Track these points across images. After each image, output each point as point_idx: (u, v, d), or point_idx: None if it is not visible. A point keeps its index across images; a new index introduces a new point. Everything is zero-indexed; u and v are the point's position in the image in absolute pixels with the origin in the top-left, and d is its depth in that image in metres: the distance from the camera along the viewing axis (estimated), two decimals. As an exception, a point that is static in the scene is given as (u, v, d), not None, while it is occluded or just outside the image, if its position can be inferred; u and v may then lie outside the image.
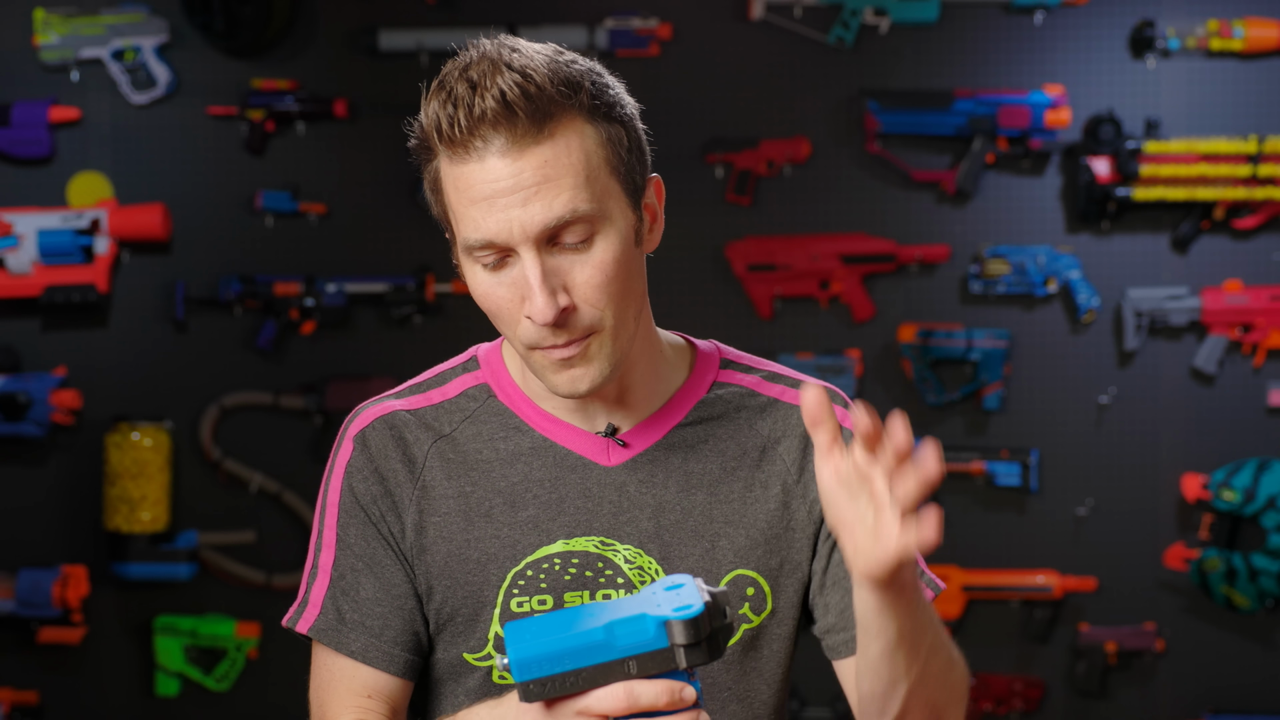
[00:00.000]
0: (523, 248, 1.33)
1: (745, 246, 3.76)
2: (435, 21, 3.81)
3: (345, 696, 1.44)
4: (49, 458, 3.89)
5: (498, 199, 1.32)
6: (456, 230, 1.38)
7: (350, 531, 1.45)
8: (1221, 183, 3.65)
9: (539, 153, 1.31)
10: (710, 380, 1.50)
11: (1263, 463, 3.65)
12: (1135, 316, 3.71)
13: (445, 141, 1.33)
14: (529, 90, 1.30)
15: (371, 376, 3.80)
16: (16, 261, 3.76)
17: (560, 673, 1.13)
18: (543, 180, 1.31)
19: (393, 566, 1.44)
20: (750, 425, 1.48)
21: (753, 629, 1.46)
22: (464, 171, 1.33)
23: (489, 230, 1.33)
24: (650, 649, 1.13)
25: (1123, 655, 3.74)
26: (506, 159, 1.31)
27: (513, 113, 1.30)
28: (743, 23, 3.76)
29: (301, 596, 1.47)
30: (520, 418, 1.47)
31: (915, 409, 3.78)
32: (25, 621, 3.78)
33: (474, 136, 1.31)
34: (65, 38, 3.82)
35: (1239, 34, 3.65)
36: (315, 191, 3.86)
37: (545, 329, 1.34)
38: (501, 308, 1.37)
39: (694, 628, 1.12)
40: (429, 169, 1.39)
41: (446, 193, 1.37)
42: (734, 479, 1.46)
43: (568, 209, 1.32)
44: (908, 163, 3.76)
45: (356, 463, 1.46)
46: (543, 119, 1.31)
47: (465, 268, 1.40)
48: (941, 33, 3.77)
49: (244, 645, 3.83)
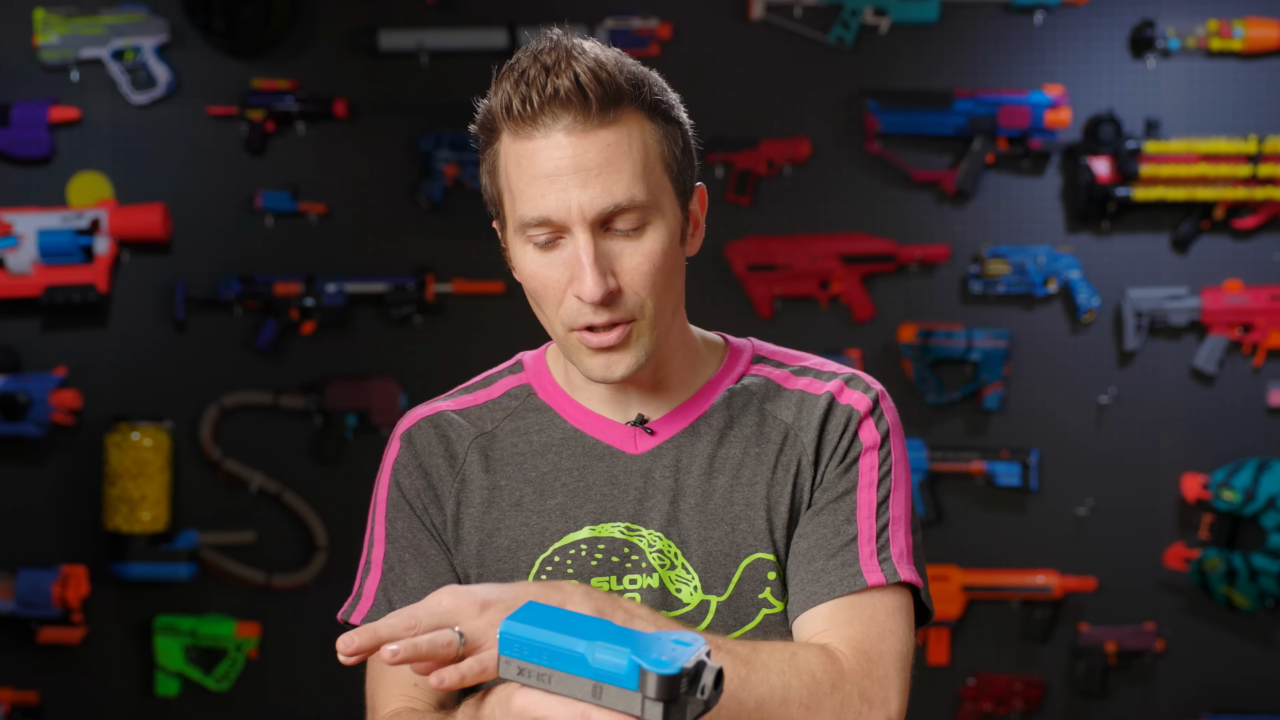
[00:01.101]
0: (578, 228, 1.38)
1: (745, 246, 3.76)
2: (435, 21, 3.81)
3: (394, 685, 1.47)
4: (49, 458, 3.89)
5: (560, 176, 1.37)
6: (511, 209, 1.42)
7: (398, 525, 1.51)
8: (1221, 183, 3.65)
9: (603, 136, 1.37)
10: (740, 373, 1.54)
11: (1263, 463, 3.65)
12: (1135, 316, 3.71)
13: (514, 119, 1.38)
14: (600, 76, 1.37)
15: (371, 376, 3.80)
16: (16, 261, 3.76)
17: (535, 664, 1.16)
18: (604, 164, 1.37)
19: (438, 555, 1.50)
20: (774, 415, 1.51)
21: (775, 614, 1.47)
22: (529, 148, 1.38)
23: (547, 208, 1.38)
24: (619, 684, 1.14)
25: (1123, 655, 3.74)
26: (573, 137, 1.37)
27: (584, 95, 1.36)
28: (743, 23, 3.76)
29: (356, 591, 1.53)
30: (554, 410, 1.52)
31: (915, 409, 3.78)
32: (25, 621, 3.79)
33: (544, 113, 1.36)
34: (65, 38, 3.82)
35: (1239, 34, 3.66)
36: (315, 191, 3.86)
37: (590, 308, 1.39)
38: (548, 287, 1.41)
39: (664, 685, 1.13)
40: (489, 153, 1.44)
41: (506, 172, 1.41)
42: (758, 464, 1.48)
43: (626, 195, 1.38)
44: (908, 163, 3.76)
45: (403, 460, 1.53)
46: (610, 105, 1.37)
47: (515, 247, 1.44)
48: (941, 33, 3.77)
49: (244, 645, 3.83)
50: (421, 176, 3.80)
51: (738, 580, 1.46)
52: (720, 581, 1.46)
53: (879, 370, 3.76)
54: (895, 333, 3.77)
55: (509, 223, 1.43)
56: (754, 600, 1.46)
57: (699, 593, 1.45)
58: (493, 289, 3.77)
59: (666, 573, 1.46)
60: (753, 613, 1.46)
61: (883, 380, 1.65)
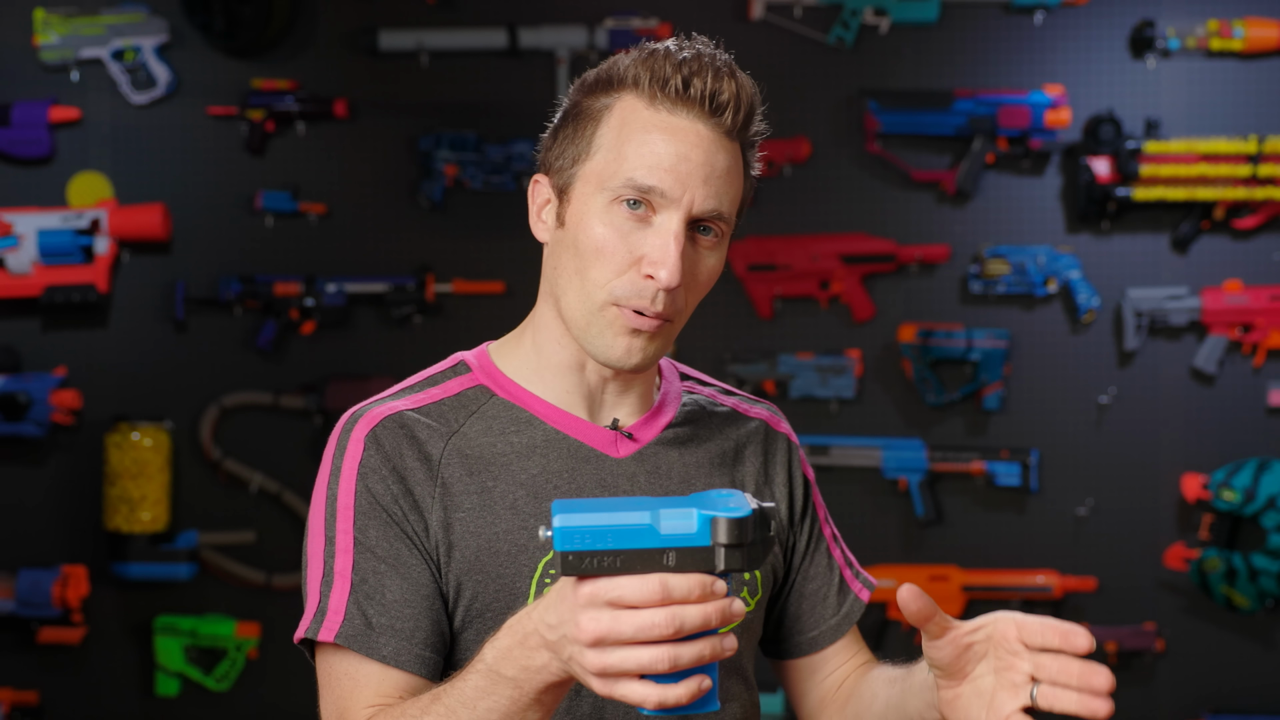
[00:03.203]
0: (679, 215, 1.41)
1: (745, 246, 3.76)
2: (435, 21, 3.81)
3: (373, 700, 1.40)
4: (49, 458, 3.89)
5: (688, 161, 1.41)
6: (618, 168, 1.42)
7: (370, 533, 1.43)
8: (1221, 183, 3.65)
9: (732, 150, 1.46)
10: (679, 388, 1.61)
11: (1263, 463, 3.65)
12: (1135, 316, 3.71)
13: (667, 94, 1.42)
14: (752, 102, 1.47)
15: (371, 376, 3.80)
16: (16, 261, 3.76)
17: (599, 549, 1.14)
18: (726, 173, 1.44)
19: (418, 566, 1.43)
20: (721, 430, 1.58)
21: (750, 613, 1.54)
22: (670, 121, 1.42)
23: (664, 182, 1.41)
24: (691, 544, 1.14)
25: (1123, 655, 3.74)
26: (715, 135, 1.43)
27: (736, 109, 1.44)
28: (743, 23, 3.76)
29: (317, 605, 1.43)
30: (528, 411, 1.50)
31: (915, 409, 3.78)
32: (25, 621, 3.79)
33: (698, 104, 1.42)
34: (65, 38, 3.82)
35: (1239, 34, 3.65)
36: (315, 191, 3.86)
37: (653, 292, 1.42)
38: (616, 254, 1.42)
39: (738, 529, 1.14)
40: (595, 102, 1.45)
41: (623, 130, 1.43)
42: (721, 473, 1.55)
43: (729, 207, 1.45)
44: (908, 163, 3.76)
45: (371, 463, 1.44)
46: (743, 129, 1.47)
47: (592, 204, 1.44)
48: (941, 33, 3.77)
49: (244, 645, 3.83)
50: (421, 176, 3.80)
51: None
52: None
53: (879, 370, 3.76)
54: (895, 333, 3.77)
55: (591, 179, 1.43)
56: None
57: None
58: (493, 289, 3.77)
59: None
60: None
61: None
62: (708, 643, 1.14)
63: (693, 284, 1.45)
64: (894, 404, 3.77)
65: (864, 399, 3.78)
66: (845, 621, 1.61)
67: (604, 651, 1.14)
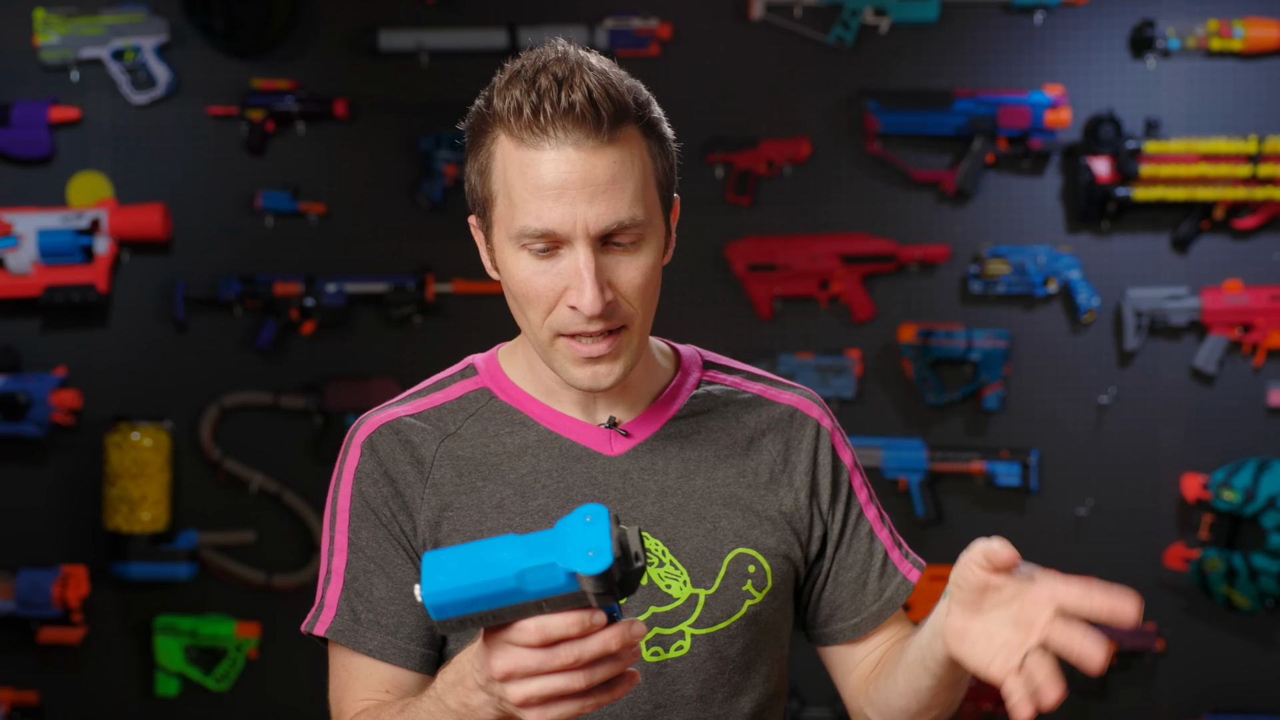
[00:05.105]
0: (580, 242, 1.40)
1: (745, 246, 3.76)
2: (435, 21, 3.81)
3: (363, 693, 1.49)
4: (49, 458, 3.89)
5: (567, 190, 1.38)
6: (508, 216, 1.42)
7: (361, 535, 1.51)
8: (1221, 183, 3.65)
9: (611, 154, 1.39)
10: (697, 379, 1.60)
11: (1263, 463, 3.65)
12: (1135, 316, 3.71)
13: (524, 127, 1.38)
14: (611, 94, 1.38)
15: (371, 376, 3.80)
16: (16, 261, 3.76)
17: (472, 613, 1.17)
18: (611, 181, 1.39)
19: (405, 566, 1.50)
20: (737, 418, 1.58)
21: (756, 604, 1.54)
22: (536, 159, 1.38)
23: (552, 221, 1.39)
24: (561, 593, 1.16)
25: (1123, 655, 3.74)
26: (582, 152, 1.38)
27: (597, 112, 1.37)
28: (743, 23, 3.76)
29: (318, 602, 1.53)
30: (524, 413, 1.54)
31: (915, 409, 3.78)
32: (25, 621, 3.79)
33: (556, 127, 1.37)
34: (65, 38, 3.82)
35: (1239, 34, 3.66)
36: (315, 191, 3.86)
37: (583, 319, 1.41)
38: (541, 295, 1.43)
39: (602, 581, 1.16)
40: (481, 152, 1.44)
41: (505, 177, 1.41)
42: (727, 465, 1.55)
43: (629, 214, 1.40)
44: (908, 163, 3.76)
45: (365, 468, 1.52)
46: (617, 124, 1.39)
47: (505, 252, 1.44)
48: (941, 33, 3.77)
49: (244, 645, 3.83)
50: (421, 176, 3.80)
51: (724, 574, 1.52)
52: (708, 576, 1.51)
53: (879, 370, 3.76)
54: (895, 333, 3.77)
55: (499, 227, 1.44)
56: (739, 592, 1.52)
57: (688, 587, 1.50)
58: (493, 289, 3.76)
59: (655, 570, 1.50)
60: (738, 604, 1.52)
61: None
62: (618, 662, 1.19)
63: (630, 291, 1.43)
64: (894, 404, 3.77)
65: (864, 399, 3.78)
66: (888, 606, 1.61)
67: (520, 684, 1.19)
